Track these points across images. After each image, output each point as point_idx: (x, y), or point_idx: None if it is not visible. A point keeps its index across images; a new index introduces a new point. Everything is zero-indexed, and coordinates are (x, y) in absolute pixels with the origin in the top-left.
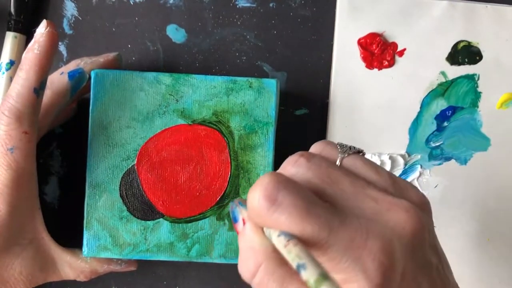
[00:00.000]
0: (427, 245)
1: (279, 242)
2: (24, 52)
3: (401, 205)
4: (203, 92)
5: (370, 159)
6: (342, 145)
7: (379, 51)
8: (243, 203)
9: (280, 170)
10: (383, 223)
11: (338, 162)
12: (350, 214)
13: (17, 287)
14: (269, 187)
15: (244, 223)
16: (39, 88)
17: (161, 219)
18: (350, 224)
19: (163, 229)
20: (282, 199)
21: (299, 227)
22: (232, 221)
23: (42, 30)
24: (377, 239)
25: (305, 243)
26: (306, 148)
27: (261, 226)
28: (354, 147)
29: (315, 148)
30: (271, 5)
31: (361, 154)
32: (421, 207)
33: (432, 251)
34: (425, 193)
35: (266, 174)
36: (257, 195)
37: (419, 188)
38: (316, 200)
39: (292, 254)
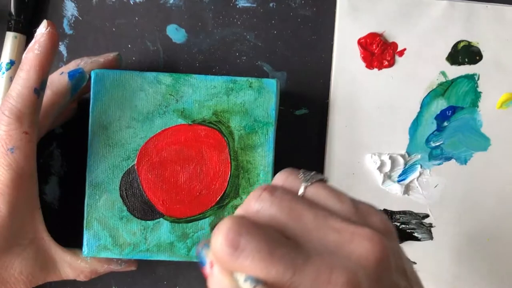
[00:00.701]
0: (392, 270)
1: (246, 287)
2: (25, 52)
3: (364, 234)
4: (203, 92)
5: (370, 159)
6: (305, 173)
7: (379, 51)
8: (209, 245)
9: (243, 206)
10: (346, 255)
11: (301, 192)
12: (313, 249)
13: (17, 287)
14: (231, 232)
15: (211, 265)
16: (39, 88)
17: (161, 219)
18: (314, 260)
19: (163, 229)
20: (245, 244)
21: (264, 271)
22: (200, 264)
23: (42, 30)
24: (341, 273)
25: (272, 285)
26: (306, 148)
27: (227, 270)
28: (317, 174)
29: (278, 179)
30: (271, 5)
31: (323, 181)
32: (385, 232)
33: (400, 275)
34: (425, 193)
35: (228, 217)
36: (219, 240)
37: (419, 188)
38: (280, 239)
39: None
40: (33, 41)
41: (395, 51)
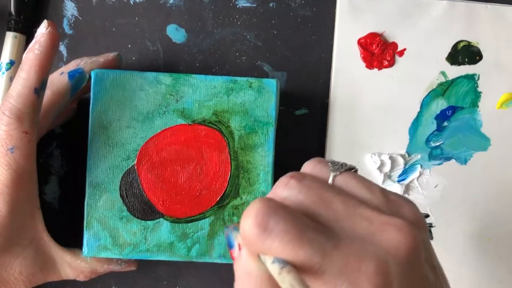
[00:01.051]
0: (423, 262)
1: (273, 269)
2: (25, 52)
3: (395, 224)
4: (203, 92)
5: (370, 159)
6: (333, 163)
7: (379, 51)
8: (238, 228)
9: (271, 193)
10: (377, 244)
11: (330, 181)
12: (343, 236)
13: (17, 287)
14: (260, 213)
15: (240, 248)
16: (39, 88)
17: (161, 219)
18: (344, 247)
19: (163, 229)
20: (274, 225)
21: (292, 253)
22: (228, 246)
23: (43, 30)
24: (371, 261)
25: (300, 268)
26: (306, 148)
27: (255, 253)
28: (346, 164)
29: (306, 167)
30: (271, 5)
31: (353, 170)
32: (416, 224)
33: (429, 267)
34: (425, 193)
35: (257, 200)
36: (248, 222)
37: (419, 188)
38: (309, 224)
39: (285, 282)
40: (33, 41)
41: (395, 51)
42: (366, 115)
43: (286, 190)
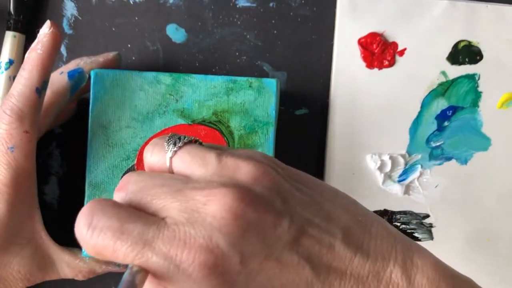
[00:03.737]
0: (264, 217)
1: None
2: (27, 52)
3: (218, 194)
4: (203, 92)
5: (370, 159)
6: (169, 142)
7: (379, 51)
8: None
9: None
10: (201, 220)
11: (168, 165)
12: (170, 223)
13: (15, 286)
14: (86, 212)
15: None
16: (41, 88)
17: None
18: (167, 232)
19: None
20: (96, 222)
21: (113, 247)
22: None
23: (45, 30)
24: (194, 240)
25: (149, 270)
26: (306, 148)
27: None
28: (181, 139)
29: (145, 155)
30: (271, 5)
31: (195, 142)
32: (254, 181)
33: (286, 216)
34: (425, 193)
35: (88, 202)
36: (77, 223)
37: (419, 188)
38: (135, 216)
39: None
40: (36, 41)
41: (395, 51)
42: (366, 115)
43: (116, 194)
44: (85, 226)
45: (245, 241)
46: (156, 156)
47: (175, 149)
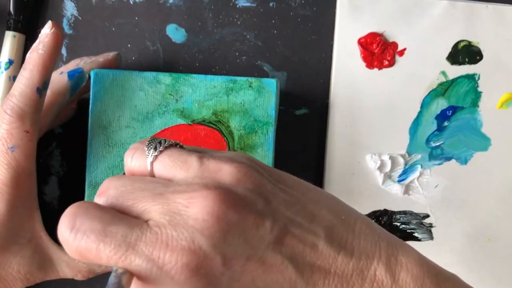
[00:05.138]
0: (249, 216)
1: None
2: (29, 52)
3: (199, 196)
4: (203, 92)
5: (370, 159)
6: (149, 146)
7: (379, 51)
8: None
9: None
10: (182, 223)
11: (149, 170)
12: (152, 225)
13: (15, 285)
14: (69, 215)
15: None
16: (42, 88)
17: None
18: (149, 235)
19: None
20: (80, 224)
21: (96, 250)
22: None
23: (47, 30)
24: (177, 242)
25: (135, 274)
26: (306, 148)
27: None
28: (161, 142)
29: (126, 158)
30: (271, 5)
31: (175, 146)
32: (236, 183)
33: (268, 214)
34: (425, 193)
35: (71, 205)
36: (60, 225)
37: (419, 188)
38: (118, 219)
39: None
40: (37, 41)
41: (395, 51)
42: (366, 115)
43: (96, 199)
44: (68, 229)
45: (227, 243)
46: (137, 161)
47: (155, 153)
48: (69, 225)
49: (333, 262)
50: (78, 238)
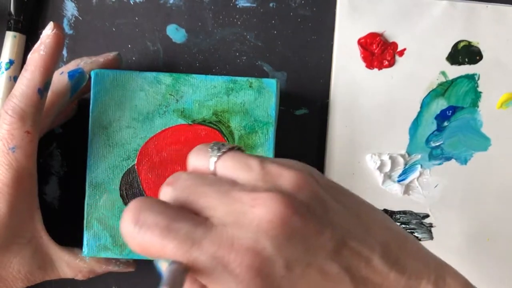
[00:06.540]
0: (308, 222)
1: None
2: (30, 53)
3: (265, 198)
4: (203, 92)
5: (370, 159)
6: (213, 148)
7: (379, 51)
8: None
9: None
10: (248, 223)
11: (212, 169)
12: (217, 223)
13: (16, 285)
14: (133, 209)
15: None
16: (43, 89)
17: None
18: (214, 233)
19: None
20: (144, 219)
21: (160, 245)
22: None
23: (48, 31)
24: (242, 242)
25: (191, 268)
26: (306, 148)
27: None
28: (224, 145)
29: (190, 159)
30: (271, 5)
31: (236, 149)
32: (297, 189)
33: (325, 221)
34: (425, 193)
35: (135, 199)
36: (123, 219)
37: (419, 188)
38: (182, 215)
39: (168, 278)
40: (38, 42)
41: (395, 51)
42: (366, 115)
43: (162, 191)
44: (132, 223)
45: (290, 247)
46: (201, 160)
47: (219, 153)
48: (133, 219)
49: (385, 278)
50: (143, 232)
